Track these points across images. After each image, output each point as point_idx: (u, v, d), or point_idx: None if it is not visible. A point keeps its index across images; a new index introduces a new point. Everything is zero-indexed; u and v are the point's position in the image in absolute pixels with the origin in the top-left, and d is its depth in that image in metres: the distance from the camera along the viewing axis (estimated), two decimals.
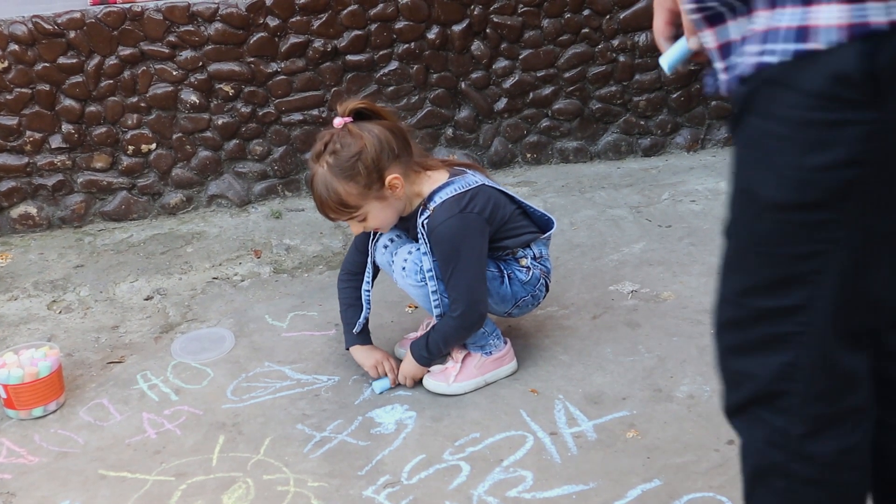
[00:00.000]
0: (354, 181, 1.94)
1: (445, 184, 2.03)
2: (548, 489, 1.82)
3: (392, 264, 2.11)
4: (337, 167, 1.93)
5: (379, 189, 1.96)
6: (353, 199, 1.95)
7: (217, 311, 2.55)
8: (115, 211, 3.07)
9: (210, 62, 2.98)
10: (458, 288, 2.01)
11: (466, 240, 1.99)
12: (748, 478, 1.24)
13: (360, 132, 1.95)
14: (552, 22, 3.03)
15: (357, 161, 1.93)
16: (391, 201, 1.99)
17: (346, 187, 1.94)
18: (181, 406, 2.17)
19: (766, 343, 1.11)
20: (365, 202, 1.97)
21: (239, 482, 1.91)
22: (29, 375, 2.12)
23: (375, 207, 1.99)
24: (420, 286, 2.05)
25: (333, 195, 1.94)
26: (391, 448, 1.97)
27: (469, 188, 2.02)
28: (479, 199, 2.02)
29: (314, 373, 2.25)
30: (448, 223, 1.98)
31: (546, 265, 2.16)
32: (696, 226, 2.74)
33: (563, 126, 3.14)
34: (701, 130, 3.20)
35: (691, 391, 2.07)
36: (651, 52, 3.07)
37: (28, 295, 2.70)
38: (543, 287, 2.16)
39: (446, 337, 2.07)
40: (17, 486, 1.95)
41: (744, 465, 1.25)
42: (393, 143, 1.96)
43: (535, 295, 2.14)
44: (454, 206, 1.99)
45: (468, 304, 2.02)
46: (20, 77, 2.89)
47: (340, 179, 1.93)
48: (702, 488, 1.79)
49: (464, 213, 1.99)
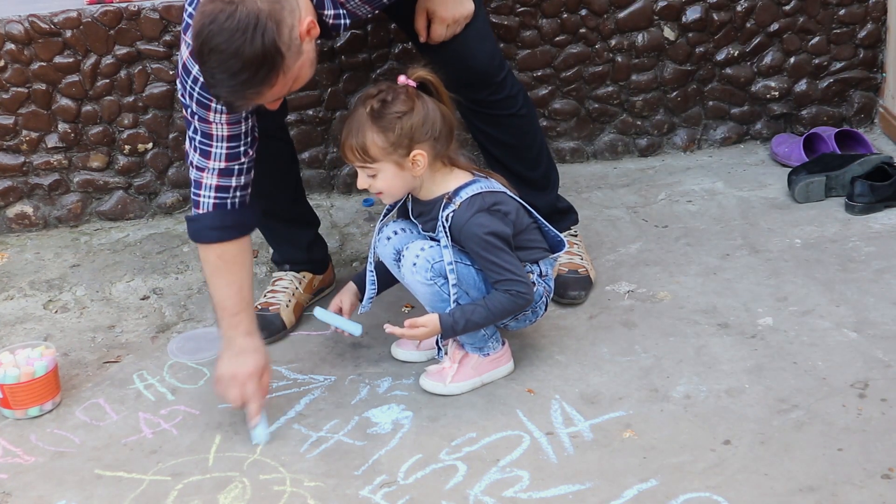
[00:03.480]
0: (385, 135, 1.94)
1: (470, 182, 2.04)
2: (544, 489, 1.82)
3: (397, 257, 2.10)
4: (377, 114, 1.95)
5: (402, 156, 1.96)
6: (373, 151, 1.95)
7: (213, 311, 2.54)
8: (112, 210, 3.06)
9: None
10: (510, 270, 2.00)
11: (500, 231, 2.00)
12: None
13: (416, 98, 1.96)
14: (549, 22, 3.03)
15: (398, 119, 1.94)
16: (407, 174, 1.99)
17: (375, 137, 1.95)
18: (178, 406, 2.17)
19: None
20: (383, 159, 1.97)
21: (235, 482, 1.91)
22: (25, 375, 2.12)
23: (389, 170, 1.98)
24: (429, 284, 2.04)
25: (360, 138, 1.95)
26: (388, 448, 1.97)
27: (494, 190, 2.03)
28: (504, 203, 2.03)
29: (310, 372, 2.25)
30: (478, 218, 1.99)
31: (549, 284, 2.16)
32: (692, 226, 2.75)
33: (559, 126, 3.14)
34: (697, 131, 3.20)
35: (688, 391, 2.07)
36: (648, 52, 3.07)
37: (24, 294, 2.70)
38: (544, 305, 2.16)
39: (494, 311, 2.02)
40: (13, 485, 1.95)
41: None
42: (438, 125, 1.98)
43: (535, 310, 2.14)
44: (482, 203, 2.00)
45: (524, 282, 2.02)
46: (16, 76, 2.89)
47: (373, 127, 1.94)
48: (698, 488, 1.80)
49: (492, 211, 2.00)
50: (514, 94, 2.35)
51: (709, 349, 2.20)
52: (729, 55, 3.10)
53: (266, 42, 1.77)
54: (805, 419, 1.95)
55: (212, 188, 2.07)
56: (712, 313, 2.33)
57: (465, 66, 2.25)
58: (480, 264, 2.03)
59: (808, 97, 3.17)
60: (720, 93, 3.16)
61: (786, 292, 2.39)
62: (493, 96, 2.30)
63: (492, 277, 2.03)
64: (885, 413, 1.95)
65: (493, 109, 2.33)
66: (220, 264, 2.09)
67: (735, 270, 2.50)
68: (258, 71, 1.79)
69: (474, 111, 2.35)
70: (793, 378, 2.08)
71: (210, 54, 1.78)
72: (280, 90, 1.88)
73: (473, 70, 2.26)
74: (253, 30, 1.76)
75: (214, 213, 2.08)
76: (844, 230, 2.65)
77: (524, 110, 2.37)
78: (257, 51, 1.77)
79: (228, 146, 2.06)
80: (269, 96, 1.88)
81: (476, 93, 2.28)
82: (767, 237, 2.65)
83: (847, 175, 2.77)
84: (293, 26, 1.82)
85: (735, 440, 1.91)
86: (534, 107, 2.50)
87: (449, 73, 2.29)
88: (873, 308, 2.30)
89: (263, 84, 1.82)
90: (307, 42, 1.87)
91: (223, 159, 2.06)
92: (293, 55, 1.83)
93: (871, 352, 2.14)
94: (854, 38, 3.12)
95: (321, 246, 2.57)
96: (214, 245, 2.08)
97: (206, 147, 2.06)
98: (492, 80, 2.29)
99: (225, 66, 1.78)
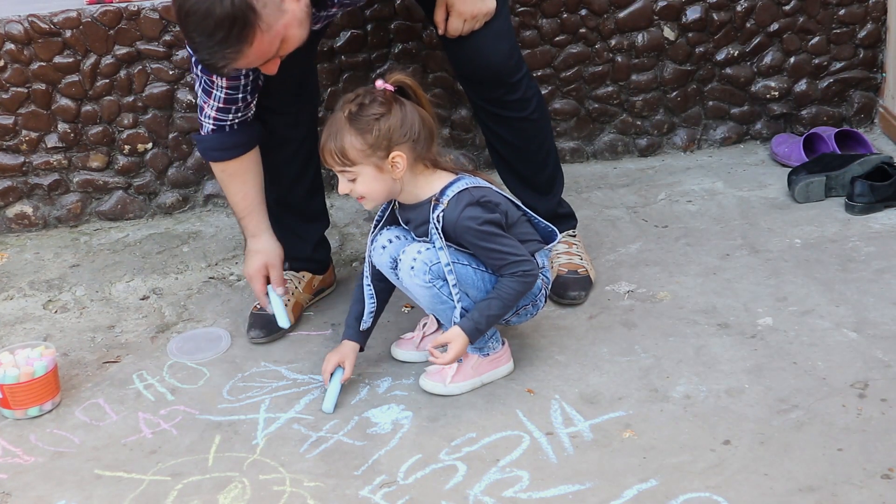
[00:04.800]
0: (362, 137, 1.95)
1: (454, 180, 2.04)
2: (544, 489, 1.82)
3: (394, 265, 2.10)
4: (354, 117, 1.96)
5: (381, 158, 1.96)
6: (352, 154, 1.96)
7: (213, 311, 2.54)
8: (111, 210, 3.06)
9: None
10: (512, 252, 2.01)
11: (493, 219, 2.00)
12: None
13: (393, 101, 1.97)
14: (549, 22, 3.03)
15: (375, 121, 1.95)
16: (386, 176, 1.99)
17: (353, 140, 1.95)
18: (177, 406, 2.17)
19: None
20: (362, 162, 1.97)
21: (235, 482, 1.91)
22: (24, 375, 2.12)
23: (369, 174, 1.98)
24: (427, 286, 2.04)
25: (338, 141, 1.96)
26: (387, 448, 1.97)
27: (479, 185, 2.03)
28: (491, 196, 2.03)
29: (310, 373, 2.25)
30: (469, 212, 1.98)
31: (546, 275, 2.16)
32: (692, 226, 2.75)
33: (559, 126, 3.14)
34: (697, 131, 3.20)
35: (687, 391, 2.07)
36: (648, 52, 3.08)
37: (24, 294, 2.70)
38: (544, 297, 2.16)
39: (507, 298, 2.03)
40: (13, 485, 1.95)
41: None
42: (417, 126, 1.98)
43: (535, 303, 2.14)
44: (470, 198, 2.00)
45: (528, 259, 2.02)
46: (16, 76, 2.89)
47: (351, 130, 1.95)
48: (698, 488, 1.79)
49: (481, 203, 2.00)
50: (528, 97, 2.35)
51: (708, 349, 2.20)
52: (729, 55, 3.11)
53: (235, 0, 1.81)
54: (805, 419, 1.95)
55: (211, 117, 2.21)
56: (712, 313, 2.33)
57: (481, 63, 2.26)
58: (481, 255, 2.03)
59: (808, 97, 3.17)
60: (720, 93, 3.16)
61: (786, 292, 2.39)
62: (506, 96, 2.30)
63: (495, 265, 2.03)
64: (885, 413, 1.95)
65: (505, 110, 2.33)
66: (225, 177, 2.30)
67: (735, 270, 2.50)
68: (231, 29, 1.83)
69: (485, 109, 2.36)
70: (793, 378, 2.08)
71: (186, 17, 1.85)
72: (264, 49, 1.90)
73: (488, 68, 2.27)
74: None
75: (214, 135, 2.23)
76: (844, 230, 2.65)
77: (536, 115, 2.37)
78: (227, 9, 1.81)
79: (227, 92, 2.16)
80: (251, 56, 1.91)
81: (490, 91, 2.29)
82: (767, 237, 2.65)
83: (847, 175, 2.77)
84: None
85: (735, 440, 1.91)
86: (547, 112, 2.49)
87: (465, 69, 2.31)
88: (873, 308, 2.30)
89: (241, 42, 1.86)
90: (291, 2, 1.89)
91: (221, 101, 2.17)
92: (272, 13, 1.86)
93: (871, 352, 2.14)
94: (854, 38, 3.12)
95: (325, 247, 2.57)
96: (216, 162, 2.28)
97: (208, 88, 2.17)
98: (506, 80, 2.30)
99: (200, 28, 1.85)
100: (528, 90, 2.35)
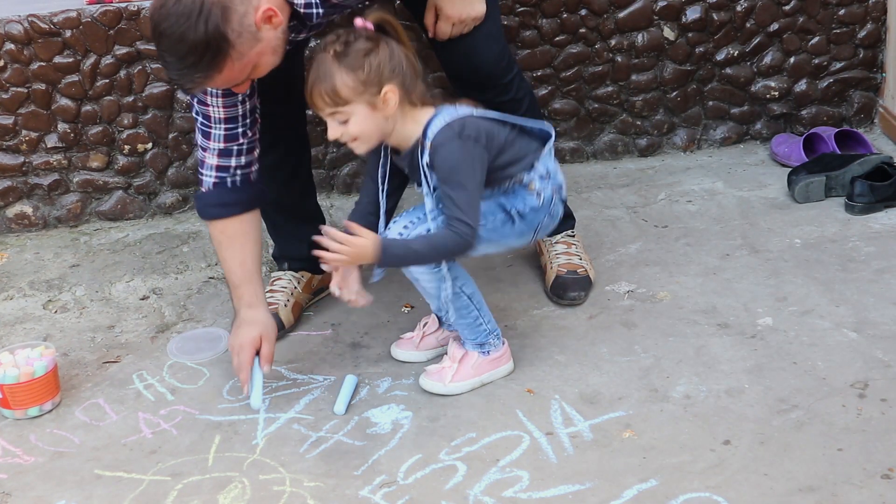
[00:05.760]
0: (355, 74, 1.90)
1: (434, 115, 1.99)
2: (544, 489, 1.82)
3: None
4: (343, 56, 1.91)
5: (374, 94, 1.92)
6: (345, 92, 1.91)
7: (213, 311, 2.54)
8: (111, 210, 3.06)
9: None
10: (462, 208, 1.93)
11: (467, 162, 1.94)
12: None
13: (379, 37, 1.94)
14: (549, 22, 3.03)
15: (365, 58, 1.91)
16: (379, 115, 1.94)
17: (344, 77, 1.90)
18: (177, 406, 2.17)
19: None
20: (355, 100, 1.91)
21: (235, 482, 1.91)
22: (24, 375, 2.12)
23: (362, 112, 1.93)
24: (434, 271, 2.04)
25: (328, 81, 1.90)
26: (387, 448, 1.97)
27: (459, 117, 1.98)
28: (469, 126, 1.97)
29: (310, 372, 2.25)
30: (449, 147, 1.93)
31: (556, 179, 2.10)
32: (692, 226, 2.75)
33: (559, 126, 3.14)
34: (697, 131, 3.20)
35: (687, 391, 2.07)
36: (648, 52, 3.07)
37: (24, 294, 2.70)
38: (559, 203, 2.12)
39: (435, 245, 1.97)
40: (13, 485, 1.95)
41: None
42: (404, 64, 1.95)
43: (552, 214, 2.11)
44: (449, 132, 1.95)
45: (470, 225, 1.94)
46: (16, 76, 2.89)
47: (341, 68, 1.90)
48: (698, 488, 1.79)
49: (462, 138, 1.95)
50: (520, 97, 2.35)
51: (708, 349, 2.20)
52: (729, 55, 3.10)
53: (209, 28, 1.80)
54: (805, 419, 1.95)
55: (212, 167, 2.14)
56: (712, 313, 2.33)
57: (471, 66, 2.26)
58: (442, 194, 1.97)
59: (808, 97, 3.17)
60: (720, 93, 3.16)
61: (786, 292, 2.39)
62: (498, 98, 2.30)
63: (444, 211, 1.97)
64: (885, 413, 1.95)
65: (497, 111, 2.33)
66: (223, 239, 2.18)
67: (735, 270, 2.50)
68: (203, 56, 1.83)
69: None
70: (793, 378, 2.08)
71: (160, 38, 1.85)
72: (234, 75, 1.90)
73: (479, 71, 2.27)
74: (197, 16, 1.80)
75: (215, 191, 2.16)
76: (844, 230, 2.65)
77: (528, 114, 2.36)
78: (199, 37, 1.80)
79: (226, 128, 2.10)
80: (220, 81, 1.91)
81: (481, 93, 2.28)
82: (767, 237, 2.65)
83: (847, 175, 2.77)
84: (245, 13, 1.84)
85: (735, 440, 1.91)
86: (539, 110, 2.49)
87: (455, 71, 2.30)
88: (873, 308, 2.30)
89: (211, 69, 1.85)
90: (267, 30, 1.88)
91: (221, 140, 2.11)
92: (246, 41, 1.85)
93: (870, 352, 2.14)
94: (854, 38, 3.12)
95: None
96: (216, 221, 2.18)
97: (206, 129, 2.11)
98: (497, 83, 2.30)
99: (173, 50, 1.84)
100: (520, 90, 2.35)
